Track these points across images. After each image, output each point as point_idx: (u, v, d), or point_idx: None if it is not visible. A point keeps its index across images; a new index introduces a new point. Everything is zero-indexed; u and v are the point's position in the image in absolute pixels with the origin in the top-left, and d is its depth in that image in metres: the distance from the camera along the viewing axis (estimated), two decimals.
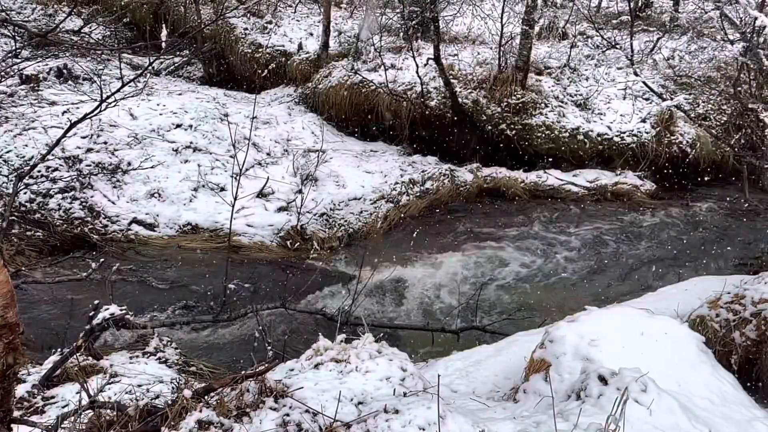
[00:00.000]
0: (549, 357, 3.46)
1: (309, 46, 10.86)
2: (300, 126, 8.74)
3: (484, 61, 9.39)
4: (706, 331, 3.82)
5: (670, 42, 10.09)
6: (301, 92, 10.10)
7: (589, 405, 2.80)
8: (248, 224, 6.73)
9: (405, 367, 3.18)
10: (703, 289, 4.53)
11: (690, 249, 6.81)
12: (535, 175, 8.35)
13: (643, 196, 7.92)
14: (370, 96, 9.13)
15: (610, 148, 8.38)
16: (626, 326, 3.46)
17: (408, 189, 7.87)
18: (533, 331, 4.73)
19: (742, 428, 2.81)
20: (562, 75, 9.38)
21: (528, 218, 7.61)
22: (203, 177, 7.23)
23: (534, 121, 8.61)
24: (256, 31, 11.38)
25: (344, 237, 6.97)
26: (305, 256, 6.45)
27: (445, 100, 8.80)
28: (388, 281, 5.93)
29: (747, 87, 6.13)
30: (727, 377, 3.26)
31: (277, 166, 7.75)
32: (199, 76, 11.67)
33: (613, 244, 7.00)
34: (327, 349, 3.27)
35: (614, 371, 2.91)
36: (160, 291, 5.86)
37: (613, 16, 11.32)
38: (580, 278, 6.39)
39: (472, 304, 5.60)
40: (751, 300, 3.81)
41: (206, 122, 8.02)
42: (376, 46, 9.35)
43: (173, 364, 4.57)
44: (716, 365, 3.34)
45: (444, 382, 4.14)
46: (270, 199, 7.12)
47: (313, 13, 12.21)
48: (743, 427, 2.82)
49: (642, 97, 8.79)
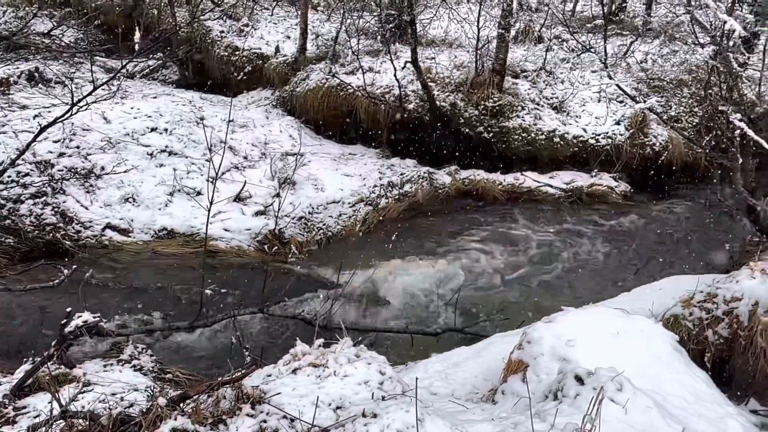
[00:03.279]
0: (527, 358, 3.48)
1: (286, 49, 10.82)
2: (277, 129, 8.69)
3: (462, 65, 9.45)
4: (679, 330, 3.88)
5: (643, 46, 10.28)
6: (279, 95, 10.05)
7: (566, 405, 2.82)
8: (225, 228, 6.66)
9: (383, 371, 3.16)
10: (677, 289, 4.60)
11: (664, 249, 6.92)
12: (513, 177, 8.42)
13: (618, 198, 8.04)
14: (348, 99, 9.11)
15: (585, 150, 8.48)
16: (602, 326, 3.49)
17: (387, 192, 7.88)
18: (511, 332, 4.75)
19: (715, 425, 2.85)
20: (538, 78, 9.48)
21: (506, 220, 7.66)
22: (179, 181, 7.14)
23: (511, 124, 8.68)
24: (233, 34, 11.31)
25: (323, 240, 6.94)
26: (283, 260, 6.40)
27: (423, 103, 8.83)
28: (367, 284, 5.92)
29: (717, 89, 6.26)
30: (701, 375, 3.31)
31: (254, 169, 7.68)
32: (175, 79, 11.56)
33: (589, 245, 7.09)
34: (305, 353, 3.25)
35: (590, 371, 2.93)
36: (135, 297, 5.76)
37: (587, 20, 11.50)
38: (558, 279, 6.44)
39: (451, 306, 5.61)
40: (723, 299, 3.87)
41: (182, 126, 7.92)
42: (354, 49, 9.35)
43: (149, 372, 4.49)
44: (690, 363, 3.39)
45: (423, 385, 4.14)
46: (247, 203, 7.06)
47: (291, 16, 12.17)
48: (716, 424, 2.87)
49: (616, 100, 8.93)
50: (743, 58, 5.51)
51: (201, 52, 11.36)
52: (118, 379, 3.98)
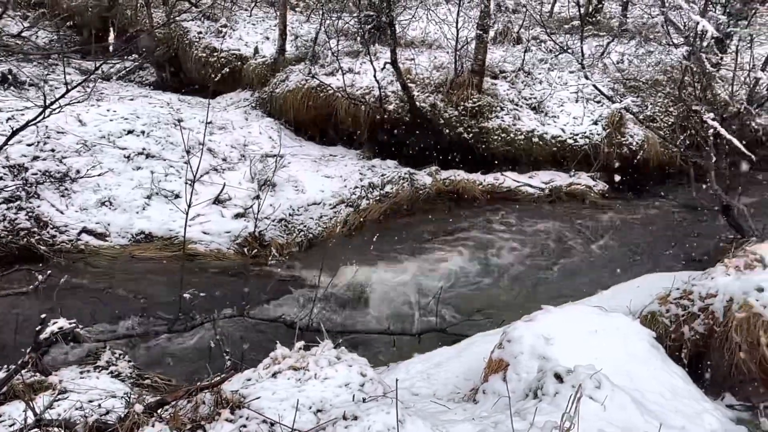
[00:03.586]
0: (507, 357, 3.49)
1: (265, 50, 10.76)
2: (257, 131, 8.64)
3: (441, 65, 9.48)
4: (657, 327, 3.93)
5: (619, 46, 10.42)
6: (258, 96, 9.99)
7: (545, 403, 2.84)
8: (204, 231, 6.60)
9: (364, 373, 3.16)
10: (654, 286, 4.66)
11: (641, 247, 7.01)
12: (493, 177, 8.47)
13: (596, 196, 8.13)
14: (328, 100, 9.09)
15: (563, 149, 8.56)
16: (581, 324, 3.52)
17: (368, 193, 7.86)
18: (492, 331, 4.77)
19: (692, 420, 2.89)
20: (516, 79, 9.55)
21: (486, 220, 7.70)
22: (157, 184, 7.05)
23: (490, 124, 8.73)
24: (211, 35, 11.22)
25: (304, 242, 6.90)
26: (264, 263, 6.36)
27: (403, 104, 8.84)
28: (349, 286, 5.91)
29: (692, 89, 6.37)
30: (678, 371, 3.36)
31: (233, 171, 7.62)
32: (152, 81, 11.44)
33: (569, 244, 7.15)
34: (285, 357, 3.23)
35: (570, 369, 2.95)
36: (112, 302, 5.67)
37: (565, 21, 11.61)
38: (538, 278, 6.49)
39: (433, 306, 5.62)
40: (698, 295, 3.92)
41: (159, 128, 7.82)
42: (334, 50, 9.33)
43: (126, 378, 4.43)
44: (667, 359, 3.44)
45: (405, 386, 4.14)
46: (227, 206, 6.99)
47: (269, 17, 12.11)
48: (693, 419, 2.91)
49: (593, 100, 9.03)
50: (716, 58, 5.61)
51: (178, 53, 11.24)
52: (95, 386, 3.91)
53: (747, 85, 6.03)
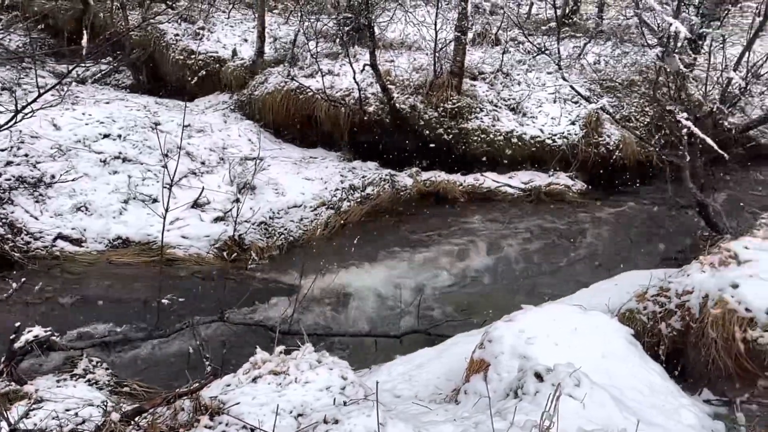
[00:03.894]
0: (488, 357, 3.50)
1: (244, 53, 10.68)
2: (236, 133, 8.57)
3: (420, 67, 9.50)
4: (635, 324, 3.97)
5: (595, 47, 10.55)
6: (237, 99, 9.92)
7: (526, 402, 2.85)
8: (183, 236, 6.52)
9: (345, 376, 3.15)
10: (632, 284, 4.72)
11: (620, 245, 7.10)
12: (473, 177, 8.51)
13: (575, 196, 8.21)
14: (308, 102, 9.06)
15: (542, 150, 8.63)
16: (560, 323, 3.55)
17: (348, 195, 7.85)
18: (474, 331, 4.79)
19: (669, 416, 2.93)
20: (495, 80, 9.62)
21: (467, 221, 7.73)
22: (134, 188, 6.96)
23: (470, 125, 8.77)
24: (188, 37, 11.10)
25: (284, 245, 6.86)
26: (244, 267, 6.30)
27: (383, 105, 8.84)
28: (330, 289, 5.88)
29: (666, 89, 6.46)
30: (655, 368, 3.40)
31: (212, 175, 7.55)
32: (129, 84, 11.27)
33: (548, 243, 7.21)
34: (265, 361, 3.20)
35: (549, 368, 2.97)
36: (89, 309, 5.57)
37: (542, 22, 11.72)
38: (519, 277, 6.53)
39: (414, 307, 5.62)
40: (675, 292, 3.98)
41: (136, 131, 7.72)
42: (313, 52, 9.30)
43: (104, 386, 4.36)
44: (644, 356, 3.48)
45: (387, 388, 4.13)
46: (206, 210, 6.92)
47: (248, 18, 12.02)
48: (671, 415, 2.95)
49: (571, 101, 9.12)
50: (690, 59, 5.71)
51: (155, 56, 11.10)
52: (71, 395, 3.84)
53: (720, 85, 6.15)
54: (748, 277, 3.57)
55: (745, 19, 9.72)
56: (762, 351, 3.30)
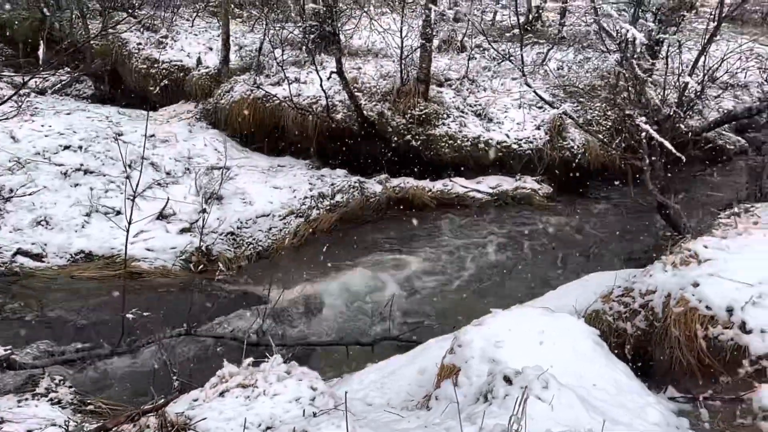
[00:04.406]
0: (458, 362, 3.51)
1: (209, 61, 10.57)
2: (202, 143, 8.45)
3: (388, 74, 9.54)
4: (601, 324, 4.04)
5: (558, 53, 10.75)
6: (202, 108, 9.80)
7: (495, 406, 2.86)
8: (148, 248, 6.39)
9: (315, 386, 3.12)
10: (598, 285, 4.80)
11: (586, 247, 7.22)
12: (442, 183, 8.57)
13: (542, 200, 8.33)
14: (275, 110, 9.00)
15: (509, 155, 8.74)
16: (529, 326, 3.58)
17: (318, 203, 7.81)
18: (445, 336, 4.79)
19: (636, 415, 2.97)
20: (461, 86, 9.71)
21: (436, 226, 7.77)
22: (96, 201, 6.79)
23: (438, 132, 8.84)
24: (151, 46, 10.94)
25: (253, 255, 6.78)
26: (211, 278, 6.20)
27: (350, 113, 8.84)
28: (300, 298, 5.83)
29: (627, 94, 6.62)
30: (621, 367, 3.45)
31: (178, 185, 7.43)
32: (90, 94, 11.05)
33: (517, 247, 7.30)
34: (233, 374, 3.15)
35: (518, 371, 2.99)
36: (51, 326, 5.41)
37: (506, 29, 11.90)
38: (488, 281, 6.58)
39: (386, 314, 5.61)
40: (639, 292, 4.06)
41: (98, 142, 7.55)
42: (279, 60, 9.25)
43: (68, 405, 4.22)
44: (611, 356, 3.53)
45: (358, 396, 4.11)
46: (171, 221, 6.80)
47: (212, 26, 11.91)
48: (636, 413, 3.00)
49: (536, 106, 9.26)
50: (648, 64, 5.86)
51: (117, 65, 10.90)
52: (33, 415, 3.72)
53: (677, 89, 6.32)
54: (708, 276, 3.66)
55: (701, 24, 10.04)
56: (723, 348, 3.38)
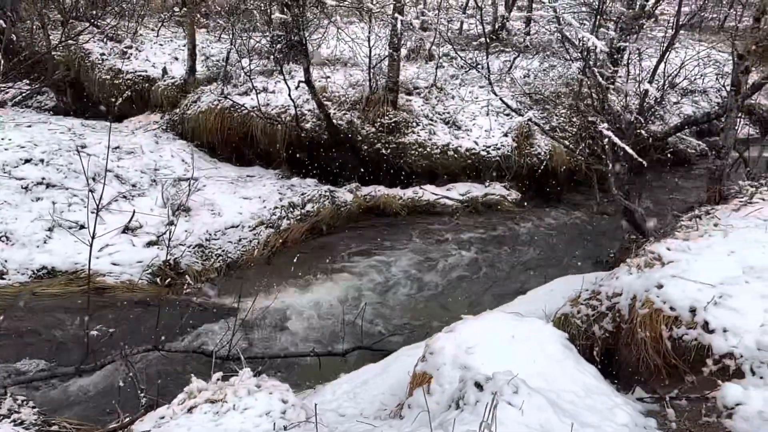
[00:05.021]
0: (430, 369, 3.52)
1: (175, 71, 10.45)
2: (169, 154, 8.33)
3: (356, 83, 9.57)
4: (569, 328, 4.09)
5: (524, 61, 10.94)
6: (169, 119, 9.67)
7: (467, 413, 2.87)
8: (114, 262, 6.24)
9: (286, 399, 3.08)
10: (567, 289, 4.87)
11: (555, 251, 7.33)
12: (412, 191, 8.61)
13: (511, 205, 8.44)
14: (243, 120, 8.94)
15: (478, 161, 8.84)
16: (499, 331, 3.61)
17: (288, 213, 7.75)
18: (417, 344, 4.79)
19: (604, 417, 3.01)
20: (430, 94, 9.80)
21: (407, 234, 7.79)
22: (59, 215, 6.62)
23: (407, 140, 8.89)
24: (115, 57, 10.76)
25: (223, 267, 6.68)
26: (179, 292, 6.09)
27: (320, 122, 8.83)
28: (272, 310, 5.76)
29: (590, 101, 6.76)
30: (590, 369, 3.50)
31: (144, 197, 7.29)
32: (52, 106, 10.79)
33: (487, 253, 7.36)
34: (201, 390, 3.09)
35: (489, 376, 3.01)
36: (13, 345, 5.22)
37: (474, 38, 12.07)
38: (460, 288, 6.62)
39: (358, 324, 5.59)
40: (605, 295, 4.13)
41: (60, 155, 7.37)
42: (246, 69, 9.19)
43: (31, 425, 4.08)
44: (579, 359, 3.58)
45: (331, 407, 4.07)
46: (138, 234, 6.66)
47: (178, 36, 11.78)
48: (605, 414, 3.04)
49: (503, 113, 9.40)
50: (609, 71, 6.00)
51: (80, 76, 10.68)
52: None
53: (639, 96, 6.48)
54: (671, 278, 3.74)
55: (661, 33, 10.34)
56: (687, 348, 3.45)
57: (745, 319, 3.30)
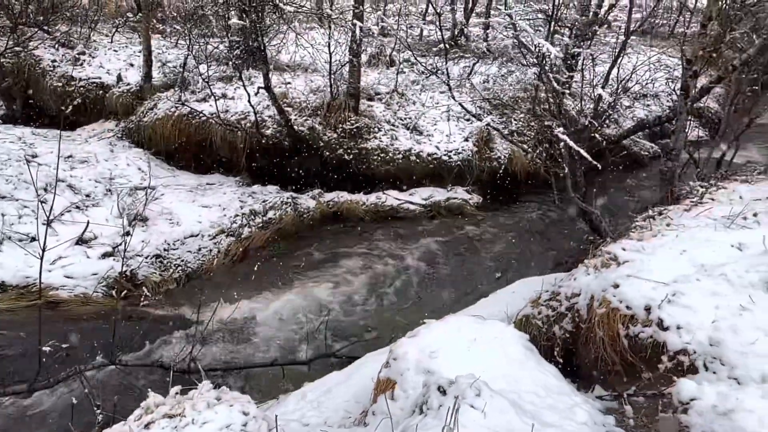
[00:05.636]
0: (394, 375, 3.50)
1: (130, 78, 10.21)
2: (124, 163, 8.11)
3: (317, 89, 9.54)
4: (531, 329, 4.14)
5: (483, 67, 11.10)
6: (124, 126, 9.43)
7: (431, 417, 2.86)
8: (67, 275, 6.03)
9: (247, 411, 3.01)
10: (528, 290, 4.94)
11: (516, 253, 7.43)
12: (375, 196, 8.61)
13: (473, 209, 8.53)
14: (202, 127, 8.78)
15: (440, 166, 8.90)
16: (461, 334, 3.62)
17: (249, 221, 7.64)
18: (382, 350, 4.78)
19: (565, 416, 3.05)
20: (391, 100, 9.84)
21: (371, 240, 7.78)
22: (9, 227, 6.36)
23: (369, 145, 8.89)
24: (67, 63, 10.43)
25: (182, 278, 6.53)
26: (137, 304, 5.92)
27: (281, 128, 8.75)
28: (233, 320, 5.65)
29: (547, 105, 6.89)
30: (550, 369, 3.54)
31: (99, 207, 7.07)
32: (1, 115, 10.38)
33: (450, 256, 7.41)
34: (159, 404, 3.00)
35: (452, 380, 3.01)
36: None
37: (434, 44, 12.19)
38: (423, 292, 6.64)
39: (321, 331, 5.54)
40: (565, 296, 4.20)
41: (10, 165, 7.10)
42: (204, 75, 9.05)
43: None
44: (540, 360, 3.62)
45: (295, 417, 4.02)
46: (92, 245, 6.45)
47: (133, 42, 11.52)
48: (566, 414, 3.08)
49: (464, 118, 9.50)
50: (565, 77, 6.13)
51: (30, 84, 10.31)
52: None
53: (593, 100, 6.65)
54: (627, 277, 3.83)
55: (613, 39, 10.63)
56: (643, 345, 3.53)
57: (698, 316, 3.40)
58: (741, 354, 3.13)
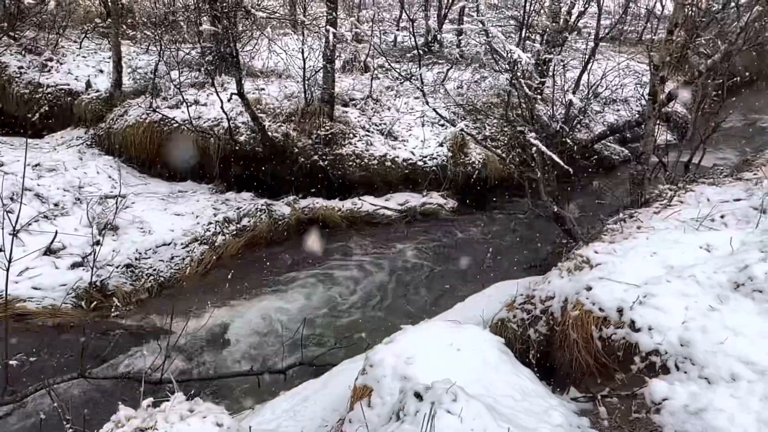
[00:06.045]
0: (371, 382, 3.48)
1: (100, 84, 10.04)
2: (94, 171, 7.96)
3: (292, 95, 9.49)
4: (506, 332, 4.16)
5: (457, 73, 11.18)
6: (94, 134, 9.26)
7: (407, 423, 2.85)
8: (35, 287, 5.87)
9: (221, 422, 2.96)
10: (503, 294, 4.97)
11: (491, 257, 7.47)
12: (351, 202, 8.59)
13: (448, 214, 8.57)
14: (174, 134, 8.66)
15: (415, 171, 8.93)
16: (437, 340, 3.62)
17: (223, 228, 7.56)
18: (358, 357, 4.76)
19: (540, 418, 3.07)
20: (366, 106, 9.84)
21: (346, 246, 7.75)
22: None
23: (344, 151, 8.87)
24: (34, 70, 10.21)
25: (154, 287, 6.42)
26: (107, 315, 5.79)
27: (255, 134, 8.68)
28: (206, 329, 5.57)
29: (520, 111, 6.97)
30: (526, 373, 3.57)
31: (67, 217, 6.92)
32: None
33: (426, 261, 7.42)
34: (130, 418, 2.93)
35: (428, 386, 3.01)
36: None
37: (408, 50, 12.24)
38: (400, 298, 6.63)
39: (298, 339, 5.49)
40: (539, 299, 4.23)
41: None
42: (176, 81, 8.94)
43: None
44: (516, 363, 3.64)
45: (271, 427, 3.97)
46: (61, 256, 6.30)
47: (102, 48, 11.34)
48: (541, 416, 3.10)
49: (438, 124, 9.55)
50: (536, 82, 6.21)
51: None
52: None
53: (565, 105, 6.75)
54: (599, 280, 3.88)
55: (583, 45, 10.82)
56: (616, 347, 3.58)
57: (668, 317, 3.45)
58: (711, 353, 3.19)
